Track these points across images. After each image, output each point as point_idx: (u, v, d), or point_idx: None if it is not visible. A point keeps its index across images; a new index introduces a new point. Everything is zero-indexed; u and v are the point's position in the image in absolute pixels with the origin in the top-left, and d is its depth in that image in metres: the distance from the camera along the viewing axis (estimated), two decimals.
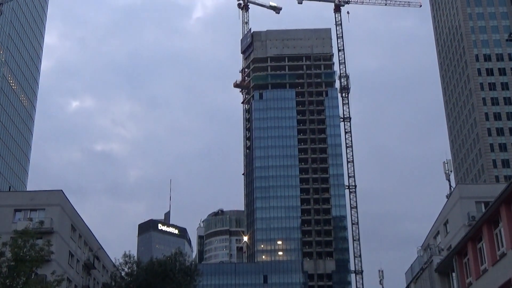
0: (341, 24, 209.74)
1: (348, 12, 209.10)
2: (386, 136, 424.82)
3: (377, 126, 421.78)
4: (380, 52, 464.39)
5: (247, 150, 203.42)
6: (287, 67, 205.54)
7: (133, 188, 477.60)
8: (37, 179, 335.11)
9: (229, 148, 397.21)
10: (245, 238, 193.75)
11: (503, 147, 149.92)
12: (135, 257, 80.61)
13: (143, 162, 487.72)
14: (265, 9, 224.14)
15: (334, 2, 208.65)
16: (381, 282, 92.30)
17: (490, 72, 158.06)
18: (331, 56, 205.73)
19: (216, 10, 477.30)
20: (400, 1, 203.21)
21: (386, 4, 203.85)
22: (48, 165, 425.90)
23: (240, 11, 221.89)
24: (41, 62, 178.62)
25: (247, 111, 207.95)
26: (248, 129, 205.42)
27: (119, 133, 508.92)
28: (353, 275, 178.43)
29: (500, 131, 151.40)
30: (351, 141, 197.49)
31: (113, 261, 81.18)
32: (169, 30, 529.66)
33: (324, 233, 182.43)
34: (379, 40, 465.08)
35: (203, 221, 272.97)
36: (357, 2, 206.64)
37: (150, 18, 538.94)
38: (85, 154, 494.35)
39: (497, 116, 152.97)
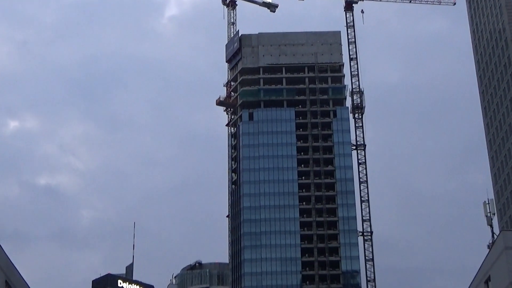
0: (353, 26, 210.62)
1: (362, 11, 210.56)
2: (410, 169, 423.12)
3: (398, 156, 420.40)
4: (402, 62, 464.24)
5: (233, 186, 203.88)
6: (284, 80, 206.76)
7: (86, 233, 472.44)
8: None
9: (210, 183, 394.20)
10: None
11: None
12: None
13: (99, 201, 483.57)
14: (257, 6, 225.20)
15: None
16: None
17: None
18: (340, 67, 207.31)
19: (195, 7, 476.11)
20: None
21: (410, 1, 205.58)
22: None
23: (225, 9, 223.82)
24: None
25: (233, 136, 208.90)
26: (234, 158, 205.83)
27: (69, 163, 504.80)
28: None
29: None
30: (366, 175, 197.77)
31: None
32: (135, 31, 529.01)
33: None
34: (401, 46, 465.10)
35: (175, 277, 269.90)
36: None
37: (111, 16, 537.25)
38: (25, 190, 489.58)
39: None
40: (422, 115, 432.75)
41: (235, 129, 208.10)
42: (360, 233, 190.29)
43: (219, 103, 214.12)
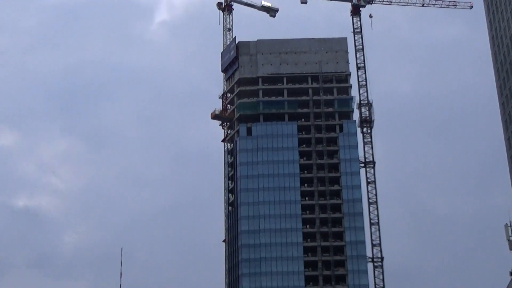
0: (361, 32, 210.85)
1: (370, 16, 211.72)
2: (425, 188, 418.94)
3: (411, 174, 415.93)
4: (415, 71, 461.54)
5: (230, 208, 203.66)
6: (285, 91, 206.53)
7: (68, 260, 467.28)
8: None
9: (204, 205, 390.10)
10: None
11: None
12: None
13: (83, 224, 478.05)
14: (256, 10, 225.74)
15: (351, 1, 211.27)
16: None
17: None
18: (347, 76, 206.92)
19: (187, 12, 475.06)
20: (443, 1, 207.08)
21: (423, 5, 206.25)
22: None
23: (221, 13, 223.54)
24: None
25: (230, 153, 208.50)
26: (231, 177, 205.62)
27: (50, 183, 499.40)
28: None
29: None
30: (376, 195, 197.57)
31: None
32: (122, 38, 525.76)
33: None
34: (413, 54, 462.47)
35: None
36: (383, 1, 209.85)
37: (95, 21, 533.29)
38: (1, 212, 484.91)
39: None
40: (437, 129, 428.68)
41: (232, 145, 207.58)
42: (370, 259, 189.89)
43: (214, 116, 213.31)
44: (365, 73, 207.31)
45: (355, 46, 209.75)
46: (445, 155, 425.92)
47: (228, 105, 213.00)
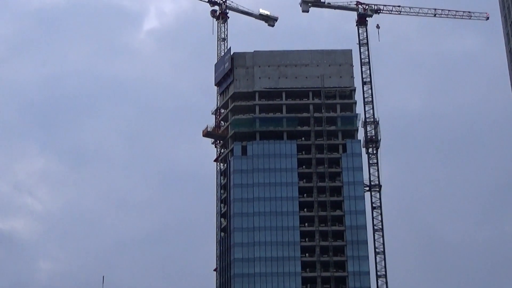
0: (367, 43, 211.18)
1: (378, 26, 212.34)
2: (435, 214, 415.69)
3: (420, 199, 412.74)
4: (425, 87, 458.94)
5: (222, 234, 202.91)
6: (284, 108, 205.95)
7: None
8: None
9: (194, 230, 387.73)
10: None
11: None
12: None
13: (61, 250, 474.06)
14: (253, 19, 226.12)
15: (357, 10, 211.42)
16: None
17: None
18: (352, 92, 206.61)
19: (178, 19, 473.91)
20: (457, 11, 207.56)
21: (435, 15, 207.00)
22: None
23: (215, 22, 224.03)
24: None
25: (223, 174, 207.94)
26: (223, 201, 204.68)
27: (26, 204, 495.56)
28: None
29: None
30: (382, 221, 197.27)
31: None
32: (107, 47, 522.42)
33: None
34: (424, 68, 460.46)
35: None
36: (391, 11, 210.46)
37: (78, 28, 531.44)
38: None
39: None
40: (448, 149, 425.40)
41: (225, 165, 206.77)
42: None
43: (207, 134, 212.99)
44: (371, 88, 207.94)
45: (361, 59, 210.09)
46: (456, 178, 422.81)
47: (222, 122, 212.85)
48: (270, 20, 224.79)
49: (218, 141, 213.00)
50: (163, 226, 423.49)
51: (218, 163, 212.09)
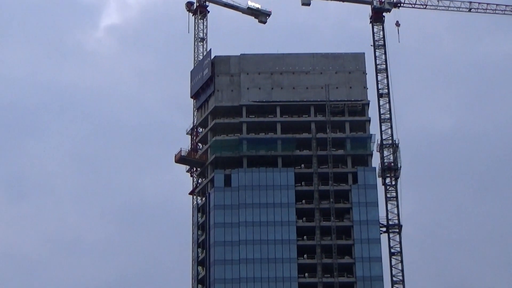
0: (384, 45, 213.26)
1: (397, 24, 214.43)
2: (465, 259, 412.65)
3: (452, 242, 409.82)
4: (458, 100, 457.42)
5: (199, 286, 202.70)
6: (279, 126, 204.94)
7: None
8: None
9: (164, 281, 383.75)
10: None
11: None
12: None
13: None
14: (240, 14, 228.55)
15: (371, 3, 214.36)
16: None
17: None
18: (364, 107, 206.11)
19: (145, 14, 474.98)
20: (497, 5, 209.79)
21: (470, 9, 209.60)
22: None
23: (191, 17, 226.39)
24: None
25: (200, 210, 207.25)
26: (201, 244, 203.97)
27: None
28: None
29: None
30: (402, 270, 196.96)
31: None
32: (54, 48, 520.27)
33: None
34: (455, 76, 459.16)
35: None
36: (414, 4, 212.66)
37: (18, 26, 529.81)
38: None
39: None
40: (484, 180, 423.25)
41: (204, 199, 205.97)
42: None
43: (180, 159, 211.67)
44: (389, 102, 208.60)
45: (376, 65, 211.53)
46: (491, 217, 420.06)
47: (199, 144, 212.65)
48: (261, 15, 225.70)
49: (194, 169, 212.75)
50: (124, 274, 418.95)
51: (194, 197, 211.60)
